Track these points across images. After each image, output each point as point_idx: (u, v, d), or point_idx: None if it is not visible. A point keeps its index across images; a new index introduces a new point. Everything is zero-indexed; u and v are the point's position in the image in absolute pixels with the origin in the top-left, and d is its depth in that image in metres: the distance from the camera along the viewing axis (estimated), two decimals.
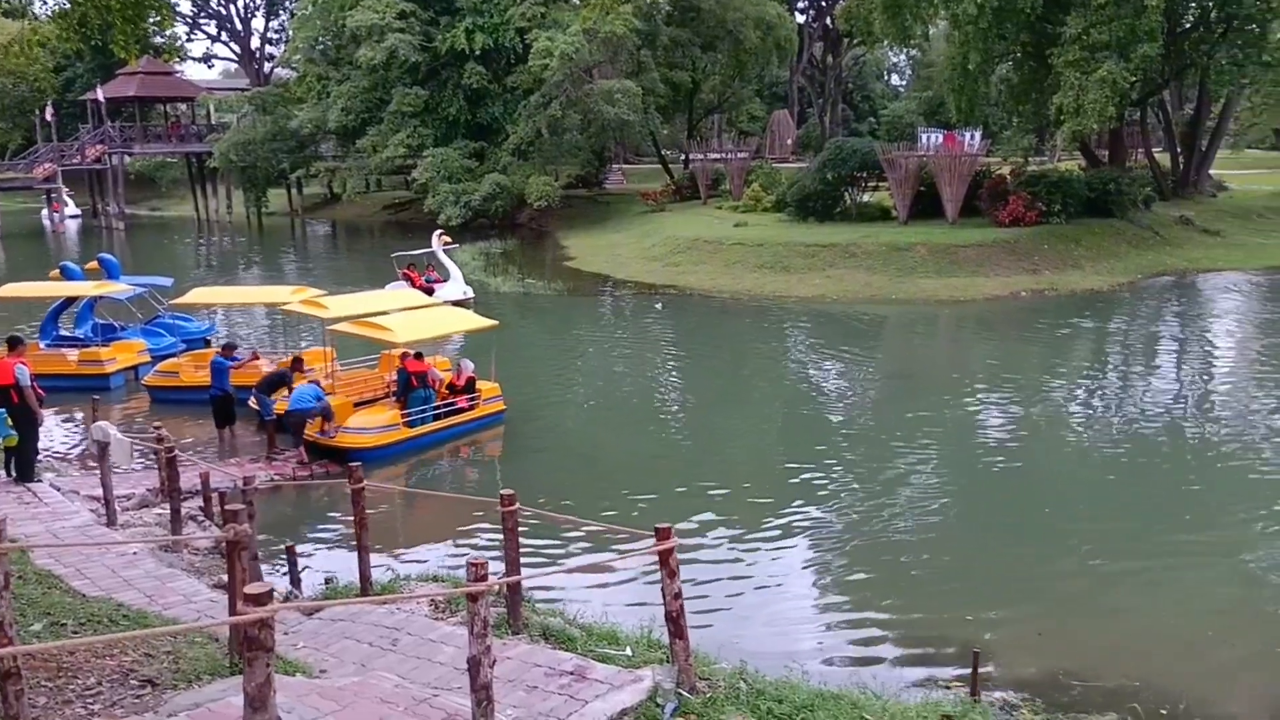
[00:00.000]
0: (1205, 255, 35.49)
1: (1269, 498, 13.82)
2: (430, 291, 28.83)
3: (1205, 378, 21.33)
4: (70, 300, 22.46)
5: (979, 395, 19.41)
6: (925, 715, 6.90)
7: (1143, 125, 46.70)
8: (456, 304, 27.99)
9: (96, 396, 17.03)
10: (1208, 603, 10.83)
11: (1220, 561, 11.86)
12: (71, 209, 66.07)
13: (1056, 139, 48.09)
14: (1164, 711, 8.34)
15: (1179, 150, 44.84)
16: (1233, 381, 20.65)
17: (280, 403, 15.99)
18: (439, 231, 32.11)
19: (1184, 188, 42.98)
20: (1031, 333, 25.77)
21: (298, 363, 16.90)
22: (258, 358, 18.48)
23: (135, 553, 10.38)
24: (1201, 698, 8.69)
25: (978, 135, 36.17)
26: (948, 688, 8.67)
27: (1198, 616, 10.46)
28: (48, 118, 62.79)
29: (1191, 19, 38.13)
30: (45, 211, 65.82)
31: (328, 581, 10.59)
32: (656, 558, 6.71)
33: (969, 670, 8.19)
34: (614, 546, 11.72)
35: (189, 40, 79.83)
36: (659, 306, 30.02)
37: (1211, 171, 46.08)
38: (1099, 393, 20.18)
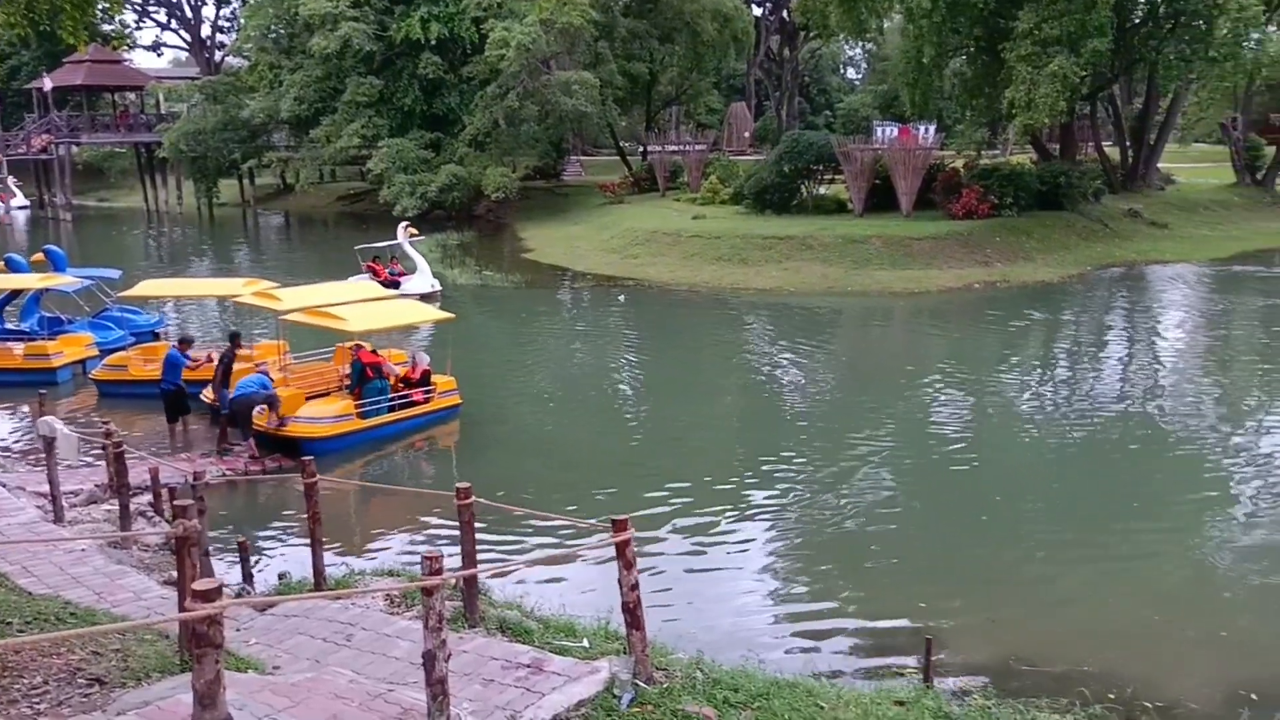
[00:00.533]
0: (1153, 247, 36.19)
1: (1216, 485, 14.16)
2: (396, 285, 28.39)
3: (1154, 368, 21.76)
4: (15, 293, 21.98)
5: (934, 386, 19.64)
6: (879, 702, 6.97)
7: (1093, 119, 47.42)
8: (423, 298, 27.68)
9: (43, 391, 16.66)
10: (1156, 589, 11.07)
11: (1169, 548, 12.12)
12: (19, 200, 64.64)
13: (1009, 132, 48.72)
14: (1112, 696, 8.50)
15: (1128, 144, 45.59)
16: (1181, 371, 21.09)
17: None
18: (404, 224, 31.53)
19: (1133, 181, 43.72)
20: (985, 324, 26.12)
21: (234, 338, 16.61)
22: (212, 359, 18.10)
23: (83, 550, 10.19)
24: (1149, 682, 8.88)
25: (932, 129, 36.57)
26: (901, 674, 8.78)
27: (1146, 602, 10.68)
28: None
29: (1140, 15, 38.77)
30: None
31: (281, 577, 10.48)
32: (614, 549, 6.70)
33: (923, 657, 8.30)
34: (572, 539, 11.72)
35: (138, 28, 78.00)
36: (621, 299, 29.97)
37: (1159, 165, 46.91)
38: (1051, 384, 20.52)
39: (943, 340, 24.83)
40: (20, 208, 64.22)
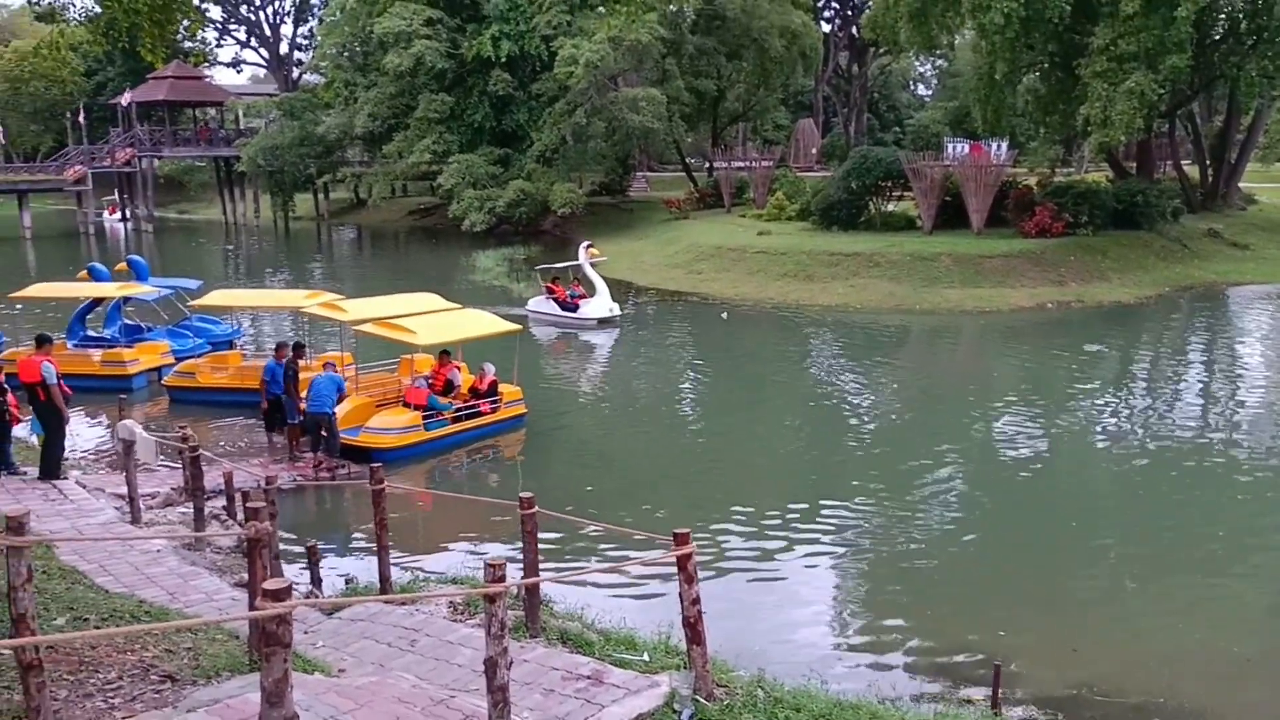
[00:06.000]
0: (1234, 268, 35.10)
1: None
2: (575, 307, 27.84)
3: (1235, 393, 21.06)
4: (97, 301, 22.68)
5: (1005, 409, 19.23)
6: None
7: (1171, 137, 46.28)
8: (602, 321, 27.36)
9: (123, 396, 17.15)
10: (1236, 622, 10.65)
11: (1251, 580, 11.69)
12: (119, 214, 67.90)
13: (1084, 150, 47.73)
14: None
15: (1208, 162, 44.41)
16: (1263, 397, 20.37)
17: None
18: (586, 244, 30.11)
19: (1212, 200, 42.54)
20: (1058, 345, 25.53)
21: (298, 348, 16.64)
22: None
23: (159, 550, 10.44)
24: (1226, 718, 8.55)
25: (1004, 145, 35.98)
26: (969, 701, 8.58)
27: (1226, 636, 10.27)
28: (79, 120, 63.67)
29: (1221, 31, 37.75)
30: (104, 214, 67.49)
31: (348, 581, 10.63)
32: (675, 563, 6.67)
33: (991, 684, 8.10)
34: (634, 551, 11.70)
35: (218, 45, 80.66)
36: (724, 316, 29.23)
37: (1241, 184, 45.60)
38: (1126, 408, 19.94)
39: (1014, 361, 24.33)
40: (120, 220, 66.96)
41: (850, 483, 14.90)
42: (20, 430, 13.90)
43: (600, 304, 27.94)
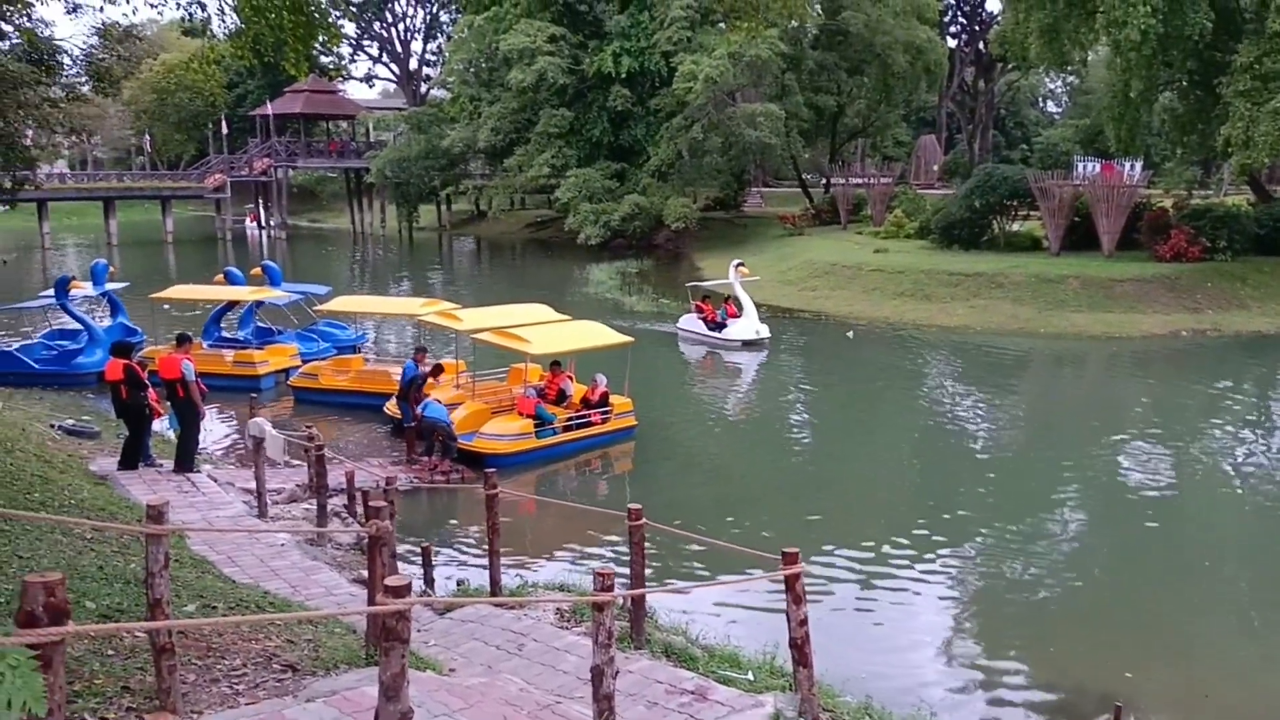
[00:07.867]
0: None
1: None
2: (722, 326, 27.47)
3: None
4: (232, 304, 23.75)
5: (1131, 440, 18.41)
6: None
7: None
8: (747, 343, 26.74)
9: (253, 395, 17.92)
10: None
11: None
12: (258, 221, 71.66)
13: (1223, 172, 45.56)
14: None
15: None
16: None
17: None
18: (737, 262, 28.94)
19: None
20: (1191, 375, 24.38)
21: (419, 353, 17.23)
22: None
23: (283, 544, 10.85)
24: None
25: (1138, 166, 34.60)
26: None
27: None
28: (221, 131, 67.04)
29: None
30: (246, 221, 71.20)
31: (460, 584, 10.85)
32: (783, 582, 6.61)
33: None
34: (739, 568, 11.62)
35: (352, 61, 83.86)
36: (849, 335, 28.77)
37: None
38: (1264, 444, 18.88)
39: (1144, 390, 23.30)
40: (258, 227, 70.51)
41: (967, 511, 14.49)
42: (159, 424, 14.64)
43: (746, 325, 27.23)
